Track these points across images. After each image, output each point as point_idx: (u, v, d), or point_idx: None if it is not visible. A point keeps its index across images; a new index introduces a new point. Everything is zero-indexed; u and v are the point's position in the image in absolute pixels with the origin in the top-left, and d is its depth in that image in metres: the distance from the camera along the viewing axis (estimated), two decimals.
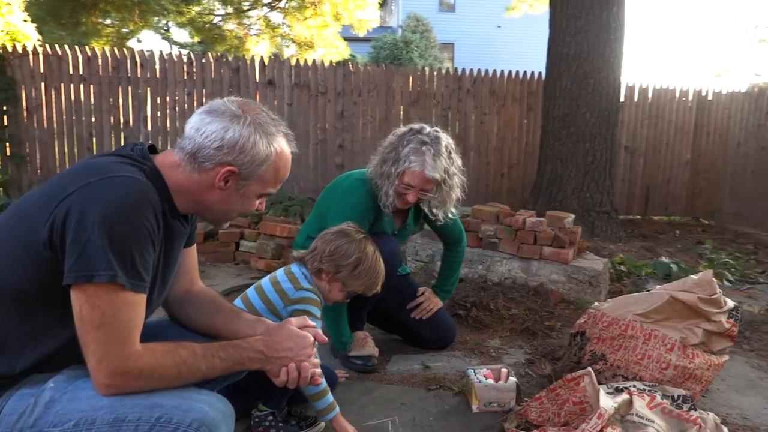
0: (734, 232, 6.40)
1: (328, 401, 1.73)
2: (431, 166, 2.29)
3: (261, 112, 1.37)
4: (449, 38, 25.13)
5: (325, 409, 1.73)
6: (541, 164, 5.31)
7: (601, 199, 5.04)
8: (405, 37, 19.98)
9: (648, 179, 7.06)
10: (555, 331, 3.01)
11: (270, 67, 5.92)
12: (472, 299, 3.23)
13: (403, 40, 19.60)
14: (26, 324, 1.24)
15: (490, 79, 6.47)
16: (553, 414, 1.93)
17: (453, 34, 25.42)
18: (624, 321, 2.26)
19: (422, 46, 20.39)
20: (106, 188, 1.17)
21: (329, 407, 1.73)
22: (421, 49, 20.22)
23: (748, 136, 7.19)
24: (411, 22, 21.58)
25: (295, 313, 1.80)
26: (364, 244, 1.93)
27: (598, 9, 4.83)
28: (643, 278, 3.81)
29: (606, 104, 4.97)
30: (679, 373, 2.15)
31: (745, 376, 2.64)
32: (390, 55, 19.09)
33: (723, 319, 2.22)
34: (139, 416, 1.18)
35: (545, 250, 3.51)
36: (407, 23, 21.67)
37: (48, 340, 1.25)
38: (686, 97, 7.04)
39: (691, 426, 1.80)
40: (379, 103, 6.20)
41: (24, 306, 1.23)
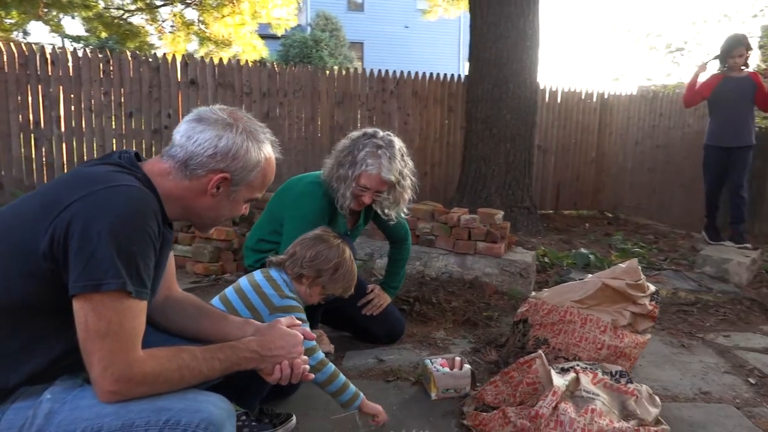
0: (635, 223, 6.98)
1: (351, 391, 1.86)
2: (387, 168, 2.39)
3: (249, 120, 1.42)
4: (358, 37, 25.35)
5: (350, 399, 1.86)
6: (465, 163, 5.57)
7: (521, 196, 5.36)
8: (314, 35, 19.88)
9: (558, 176, 7.53)
10: (494, 321, 3.22)
11: (192, 66, 5.79)
12: (415, 294, 3.38)
13: (313, 39, 19.49)
14: (19, 337, 1.22)
15: (413, 80, 6.66)
16: (509, 395, 2.10)
17: (362, 34, 25.66)
18: (563, 308, 2.48)
19: (332, 45, 20.40)
20: (110, 198, 1.18)
21: (354, 396, 1.87)
22: (331, 48, 20.23)
23: (645, 136, 7.84)
24: (320, 20, 21.53)
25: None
26: (342, 249, 2.01)
27: (515, 17, 5.13)
28: (565, 269, 4.11)
29: (524, 107, 5.29)
30: (612, 352, 2.39)
31: (660, 352, 2.95)
32: (300, 54, 18.92)
33: (646, 302, 2.49)
34: (147, 420, 1.20)
35: (479, 245, 3.71)
36: (316, 21, 21.60)
37: (42, 351, 1.24)
38: (591, 100, 7.58)
39: (629, 397, 2.03)
40: (305, 103, 6.22)
41: (17, 319, 1.21)
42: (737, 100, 5.03)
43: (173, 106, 5.76)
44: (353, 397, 1.89)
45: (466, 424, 2.07)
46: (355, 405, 1.90)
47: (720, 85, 5.08)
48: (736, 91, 5.02)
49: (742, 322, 3.50)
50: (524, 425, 1.88)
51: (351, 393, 1.88)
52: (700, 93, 5.21)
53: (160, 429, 1.20)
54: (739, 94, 5.02)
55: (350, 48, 22.19)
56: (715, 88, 5.10)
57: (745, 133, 5.05)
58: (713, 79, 5.15)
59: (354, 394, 1.89)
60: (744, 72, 5.07)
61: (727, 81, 5.06)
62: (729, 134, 5.05)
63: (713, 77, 5.18)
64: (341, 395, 1.88)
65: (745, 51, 5.01)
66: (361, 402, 1.90)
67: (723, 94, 5.07)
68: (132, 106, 5.66)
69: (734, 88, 5.02)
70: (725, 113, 5.08)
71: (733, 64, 5.02)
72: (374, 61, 24.80)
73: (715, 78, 5.15)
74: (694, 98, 5.27)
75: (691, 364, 2.82)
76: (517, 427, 1.90)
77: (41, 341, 1.24)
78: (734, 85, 5.02)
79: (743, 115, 5.04)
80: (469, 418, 2.09)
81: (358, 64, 23.82)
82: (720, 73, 5.15)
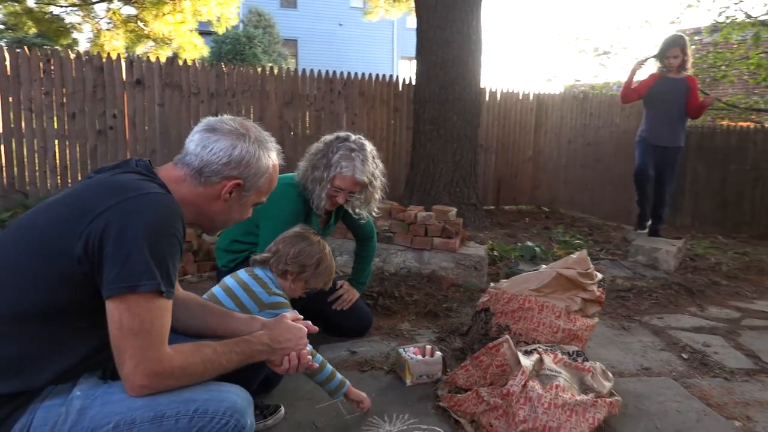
0: (571, 217, 7.41)
1: (338, 379, 1.99)
2: (360, 170, 2.54)
3: (258, 129, 1.53)
4: (292, 35, 25.22)
5: (338, 386, 1.99)
6: (414, 163, 5.77)
7: (468, 193, 5.62)
8: (247, 32, 19.49)
9: (499, 174, 7.87)
10: (453, 311, 3.42)
11: (138, 66, 5.71)
12: (377, 289, 3.54)
13: (246, 36, 19.11)
14: (49, 339, 1.28)
15: (359, 81, 6.81)
16: (479, 378, 2.29)
17: (296, 31, 25.55)
18: (521, 296, 2.69)
19: (265, 42, 20.11)
20: (142, 204, 1.27)
21: (341, 384, 2.00)
22: (265, 45, 19.95)
23: (577, 134, 8.31)
24: (253, 16, 21.18)
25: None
26: (323, 245, 2.14)
27: (460, 22, 5.37)
28: (513, 261, 4.38)
29: (470, 108, 5.55)
30: (566, 335, 2.63)
31: (604, 335, 3.23)
32: (232, 50, 18.52)
33: (595, 288, 2.75)
34: (177, 411, 1.30)
35: (435, 240, 3.91)
36: (249, 18, 21.25)
37: (70, 352, 1.31)
38: (528, 100, 7.96)
39: (586, 373, 2.27)
40: (253, 104, 6.25)
41: (47, 321, 1.27)
42: (671, 101, 5.11)
43: (118, 106, 5.66)
44: (340, 384, 2.02)
45: (442, 405, 2.24)
46: (342, 392, 2.03)
47: (656, 84, 5.17)
48: (671, 93, 5.10)
49: (672, 305, 3.86)
50: (497, 403, 2.08)
51: (338, 381, 2.02)
52: (637, 91, 5.29)
53: (190, 418, 1.30)
54: (673, 95, 5.10)
55: (284, 45, 21.96)
56: (651, 87, 5.18)
57: (676, 134, 5.16)
58: (650, 79, 5.24)
59: (341, 381, 2.03)
60: (682, 74, 5.14)
61: (664, 81, 5.14)
62: (660, 134, 5.15)
63: (651, 76, 5.27)
64: (329, 383, 2.01)
65: (680, 52, 5.06)
66: (347, 389, 2.05)
67: (658, 94, 5.15)
68: (75, 106, 5.53)
69: (669, 89, 5.10)
70: (659, 113, 5.17)
71: (668, 64, 5.11)
72: (308, 59, 24.79)
73: (652, 77, 5.24)
74: (630, 95, 5.35)
75: (632, 344, 3.11)
76: (491, 405, 2.09)
77: (69, 342, 1.31)
78: (670, 86, 5.11)
79: (675, 116, 5.13)
80: (444, 400, 2.26)
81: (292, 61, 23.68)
82: (658, 72, 5.25)
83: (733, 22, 8.96)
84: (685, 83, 5.11)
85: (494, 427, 2.05)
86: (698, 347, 3.07)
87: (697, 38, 11.05)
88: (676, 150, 5.19)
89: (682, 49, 5.09)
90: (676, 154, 5.20)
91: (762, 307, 3.92)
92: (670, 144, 5.17)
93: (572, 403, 2.05)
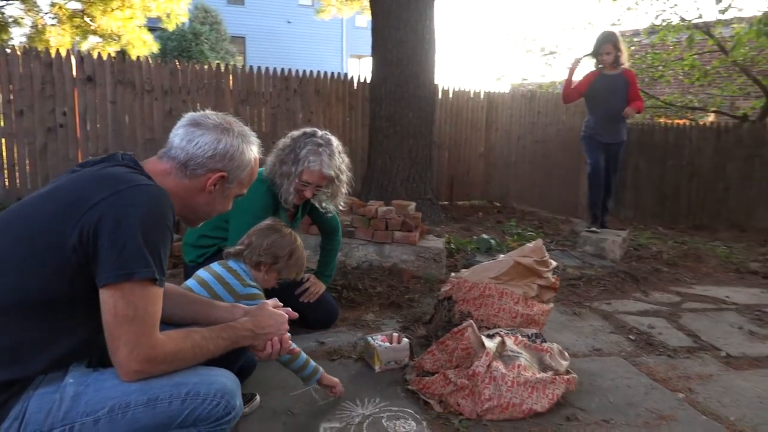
0: (521, 211, 7.66)
1: (312, 366, 2.06)
2: (327, 165, 2.62)
3: (239, 124, 1.59)
4: (240, 32, 24.91)
5: (311, 373, 2.06)
6: (371, 159, 5.87)
7: (424, 189, 5.76)
8: (194, 28, 19.09)
9: (452, 170, 8.06)
10: (415, 302, 3.54)
11: (89, 62, 5.59)
12: (341, 282, 3.62)
13: (192, 32, 18.71)
14: (42, 328, 1.31)
15: (315, 79, 6.86)
16: (446, 361, 2.41)
17: (243, 28, 25.24)
18: (482, 284, 2.83)
19: (213, 39, 19.76)
20: (135, 196, 1.32)
21: (315, 370, 2.08)
22: (212, 42, 19.59)
23: (525, 132, 8.60)
24: (199, 13, 20.77)
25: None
26: (294, 236, 2.21)
27: (414, 22, 5.49)
28: (470, 253, 4.54)
29: (425, 105, 5.68)
30: (525, 319, 2.78)
31: (558, 320, 3.41)
32: (178, 47, 18.11)
33: (550, 275, 2.92)
34: (170, 394, 1.35)
35: (396, 234, 4.02)
36: (195, 14, 20.83)
37: (62, 342, 1.34)
38: (479, 98, 8.17)
39: (545, 353, 2.42)
40: (208, 101, 6.20)
41: (41, 311, 1.30)
42: (610, 97, 5.17)
43: (68, 103, 5.53)
44: (314, 371, 2.10)
45: (411, 388, 2.35)
46: (315, 378, 2.11)
47: (595, 81, 5.25)
48: (609, 88, 5.17)
49: (619, 291, 4.10)
50: (463, 383, 2.20)
51: (312, 367, 2.10)
52: (577, 89, 5.37)
53: (182, 400, 1.36)
54: (611, 91, 5.16)
55: (232, 42, 21.61)
56: (591, 84, 5.27)
57: (619, 130, 5.26)
58: (590, 76, 5.32)
59: (315, 368, 2.11)
60: (619, 69, 5.20)
61: (602, 78, 5.22)
62: (604, 131, 5.24)
63: (590, 74, 5.35)
64: (304, 370, 2.08)
65: (612, 48, 5.14)
66: (321, 375, 2.13)
67: (597, 91, 5.23)
68: (22, 103, 5.38)
69: (607, 86, 5.18)
70: (599, 109, 5.25)
71: (603, 60, 5.19)
72: (257, 57, 24.53)
73: (591, 75, 5.33)
74: (571, 94, 5.43)
75: (583, 327, 3.30)
76: (458, 385, 2.21)
77: (63, 331, 1.34)
78: (608, 82, 5.18)
79: (616, 112, 5.17)
80: (412, 383, 2.37)
81: (240, 59, 23.36)
82: (597, 69, 5.31)
83: (669, 25, 9.44)
84: (622, 78, 5.19)
85: (461, 406, 2.17)
86: (644, 329, 3.28)
87: (636, 39, 11.59)
88: (620, 145, 5.33)
89: (614, 44, 5.16)
90: (619, 148, 5.34)
91: (699, 291, 4.21)
92: (614, 140, 5.29)
93: (533, 381, 2.19)
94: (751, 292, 4.23)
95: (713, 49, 9.59)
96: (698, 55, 10.05)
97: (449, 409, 2.19)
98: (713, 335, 3.22)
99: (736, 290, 4.28)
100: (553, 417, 2.17)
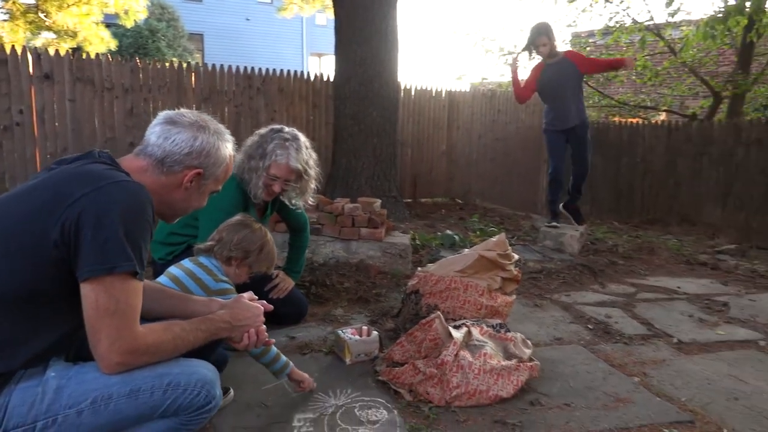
0: (483, 208, 7.81)
1: (283, 360, 2.11)
2: (294, 158, 2.67)
3: (214, 122, 1.63)
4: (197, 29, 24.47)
5: (282, 366, 2.11)
6: (336, 157, 5.91)
7: (389, 187, 5.84)
8: (150, 25, 18.64)
9: (415, 168, 8.15)
10: (382, 297, 3.61)
11: (47, 60, 5.45)
12: (309, 278, 3.66)
13: (149, 29, 18.25)
14: (25, 323, 1.34)
15: (278, 78, 6.84)
16: (414, 352, 2.49)
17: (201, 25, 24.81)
18: (448, 278, 2.92)
19: (170, 36, 19.34)
20: (116, 191, 1.35)
21: (285, 364, 2.13)
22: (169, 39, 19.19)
23: (486, 130, 8.76)
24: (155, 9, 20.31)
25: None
26: (264, 231, 2.25)
27: (378, 22, 5.56)
28: (435, 248, 4.64)
29: (388, 104, 5.76)
30: (489, 311, 2.88)
31: (520, 312, 3.53)
32: (134, 44, 17.63)
33: (512, 268, 3.02)
34: (151, 385, 1.39)
35: (362, 231, 4.09)
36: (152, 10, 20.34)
37: (44, 336, 1.37)
38: (440, 97, 8.29)
39: (509, 342, 2.53)
40: (170, 100, 6.12)
41: (23, 306, 1.33)
42: (561, 83, 5.16)
43: (25, 102, 5.38)
44: (284, 365, 2.15)
45: (381, 379, 2.41)
46: (286, 371, 2.17)
47: (542, 73, 5.24)
48: (558, 75, 5.15)
49: (577, 284, 4.26)
50: (432, 372, 2.28)
51: (283, 361, 2.15)
52: (528, 87, 5.36)
53: (164, 390, 1.40)
54: (561, 76, 5.15)
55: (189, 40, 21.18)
56: (539, 77, 5.25)
57: (575, 112, 5.19)
58: (536, 69, 5.30)
59: (285, 362, 2.16)
60: (559, 55, 5.20)
61: (547, 68, 5.21)
62: (562, 117, 5.21)
63: (535, 68, 5.33)
64: (275, 364, 2.13)
65: (546, 39, 5.13)
66: (291, 369, 2.18)
67: (547, 82, 5.22)
68: None
69: (554, 73, 5.16)
70: (553, 98, 5.24)
71: (541, 52, 5.17)
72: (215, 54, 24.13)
73: (537, 68, 5.31)
74: (523, 93, 5.39)
75: (544, 318, 3.43)
76: (427, 374, 2.29)
77: (43, 327, 1.37)
78: (554, 70, 5.17)
79: (569, 96, 5.16)
80: (383, 374, 2.44)
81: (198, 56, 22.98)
82: (541, 62, 5.29)
83: (622, 26, 9.77)
84: (566, 61, 5.18)
85: (431, 394, 2.25)
86: (601, 318, 3.43)
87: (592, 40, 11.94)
88: (582, 126, 5.25)
89: (548, 35, 5.16)
90: (583, 130, 5.27)
91: (653, 282, 4.41)
92: (577, 122, 5.22)
93: (498, 368, 2.29)
94: (701, 283, 4.46)
95: (664, 50, 9.97)
96: (650, 56, 10.43)
97: (419, 398, 2.26)
98: (665, 323, 3.40)
99: (686, 281, 4.50)
100: (517, 402, 2.27)
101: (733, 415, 2.25)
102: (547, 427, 2.09)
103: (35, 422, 1.30)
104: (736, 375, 2.65)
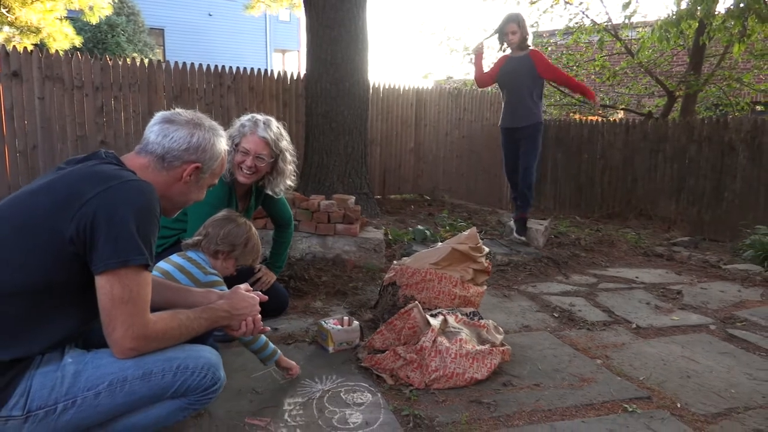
0: (451, 203, 8.03)
1: (271, 348, 2.21)
2: (262, 129, 2.81)
3: (209, 119, 1.75)
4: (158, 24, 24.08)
5: (271, 354, 2.23)
6: (308, 155, 6.01)
7: (360, 183, 5.97)
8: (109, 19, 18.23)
9: (384, 165, 8.31)
10: (359, 289, 3.75)
11: (15, 57, 5.40)
12: (288, 273, 3.77)
13: (108, 24, 17.83)
14: (41, 312, 1.44)
15: (249, 76, 6.90)
16: (394, 339, 2.64)
17: (162, 20, 24.39)
18: (423, 270, 3.08)
19: (129, 31, 18.96)
20: (127, 190, 1.46)
21: (274, 351, 2.25)
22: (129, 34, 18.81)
23: (453, 128, 8.97)
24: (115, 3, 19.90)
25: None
26: (249, 225, 2.36)
27: (347, 22, 5.67)
28: (407, 243, 4.79)
29: (359, 103, 5.88)
30: (462, 301, 3.05)
31: (490, 302, 3.72)
32: (92, 39, 17.24)
33: (483, 260, 3.20)
34: (162, 368, 1.51)
35: (338, 226, 4.22)
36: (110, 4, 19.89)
37: (60, 325, 1.47)
38: (408, 95, 8.45)
39: (482, 329, 2.70)
40: (141, 97, 6.13)
41: (41, 296, 1.43)
42: (518, 81, 5.04)
43: None
44: (273, 352, 2.28)
45: (364, 365, 2.56)
46: (274, 359, 2.29)
47: (503, 65, 5.13)
48: (515, 71, 5.04)
49: (543, 275, 4.48)
50: (412, 358, 2.44)
51: (272, 349, 2.28)
52: (489, 74, 5.24)
53: (174, 373, 1.52)
54: (517, 73, 5.04)
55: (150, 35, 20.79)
56: (500, 69, 5.15)
57: (524, 112, 5.03)
58: (500, 60, 5.22)
59: (274, 349, 2.29)
60: (525, 51, 5.07)
61: (509, 61, 5.10)
62: (511, 115, 5.10)
63: (500, 58, 5.24)
64: (263, 351, 2.26)
65: (517, 27, 4.99)
66: (279, 357, 2.31)
67: (505, 75, 5.12)
68: None
69: (513, 68, 5.05)
70: (508, 92, 5.14)
71: (509, 41, 5.04)
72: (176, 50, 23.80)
73: (501, 59, 5.22)
74: (484, 78, 5.28)
75: (513, 308, 3.63)
76: (407, 360, 2.45)
77: (59, 315, 1.47)
78: (514, 64, 5.05)
79: (522, 94, 5.03)
80: (365, 360, 2.58)
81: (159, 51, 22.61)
82: (506, 54, 5.21)
83: (582, 27, 10.11)
84: (528, 59, 5.02)
85: (411, 378, 2.41)
86: (566, 307, 3.65)
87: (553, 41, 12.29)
88: (528, 128, 5.05)
89: (519, 24, 5.03)
90: (530, 132, 5.06)
91: (613, 273, 4.67)
92: (520, 124, 5.06)
93: (473, 352, 2.46)
94: (657, 273, 4.74)
95: (621, 51, 10.35)
96: (608, 56, 10.82)
97: (400, 382, 2.42)
98: (625, 310, 3.63)
99: (644, 271, 4.77)
100: (491, 383, 2.45)
101: (685, 392, 2.47)
102: (519, 405, 2.27)
103: (56, 404, 1.41)
104: (689, 356, 2.88)
